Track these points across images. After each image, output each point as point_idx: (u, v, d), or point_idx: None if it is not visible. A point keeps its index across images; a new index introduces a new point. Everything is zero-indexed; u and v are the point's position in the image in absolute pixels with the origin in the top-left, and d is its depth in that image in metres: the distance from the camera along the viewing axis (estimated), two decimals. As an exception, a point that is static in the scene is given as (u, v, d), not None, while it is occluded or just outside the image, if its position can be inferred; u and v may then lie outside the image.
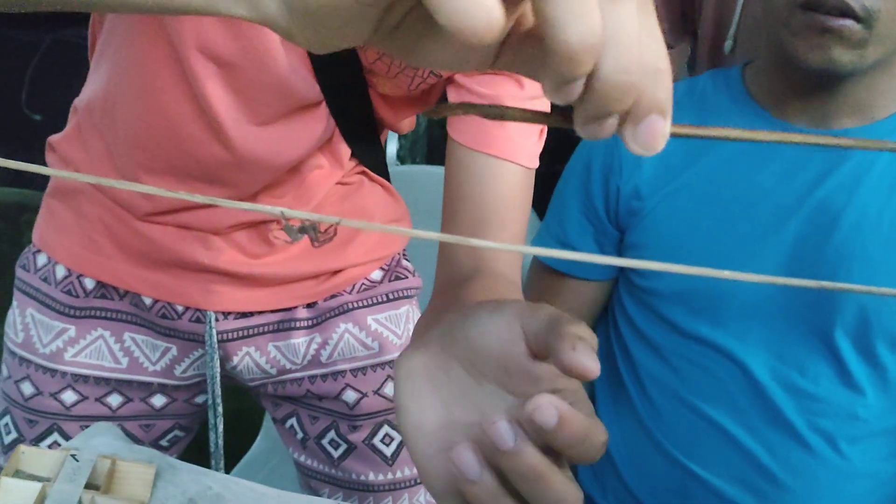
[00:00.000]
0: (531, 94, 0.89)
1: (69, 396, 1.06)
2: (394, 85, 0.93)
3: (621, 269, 1.23)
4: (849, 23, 0.97)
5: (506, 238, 0.87)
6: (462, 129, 0.89)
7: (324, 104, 0.94)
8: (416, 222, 1.08)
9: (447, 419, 0.55)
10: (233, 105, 0.91)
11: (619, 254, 1.21)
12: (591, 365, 0.49)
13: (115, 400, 1.07)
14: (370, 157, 1.06)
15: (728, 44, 1.33)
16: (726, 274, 0.38)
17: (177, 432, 1.13)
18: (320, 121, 0.95)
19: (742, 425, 1.12)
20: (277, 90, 0.90)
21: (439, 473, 0.54)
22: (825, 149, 1.09)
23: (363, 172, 1.08)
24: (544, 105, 0.89)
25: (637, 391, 1.19)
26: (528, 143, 0.89)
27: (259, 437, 1.63)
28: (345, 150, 1.02)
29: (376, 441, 1.13)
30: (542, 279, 1.26)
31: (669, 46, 1.40)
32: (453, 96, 0.91)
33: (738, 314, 1.12)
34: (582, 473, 1.27)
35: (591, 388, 1.31)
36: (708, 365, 1.14)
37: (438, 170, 0.95)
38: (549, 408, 0.48)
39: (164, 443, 1.12)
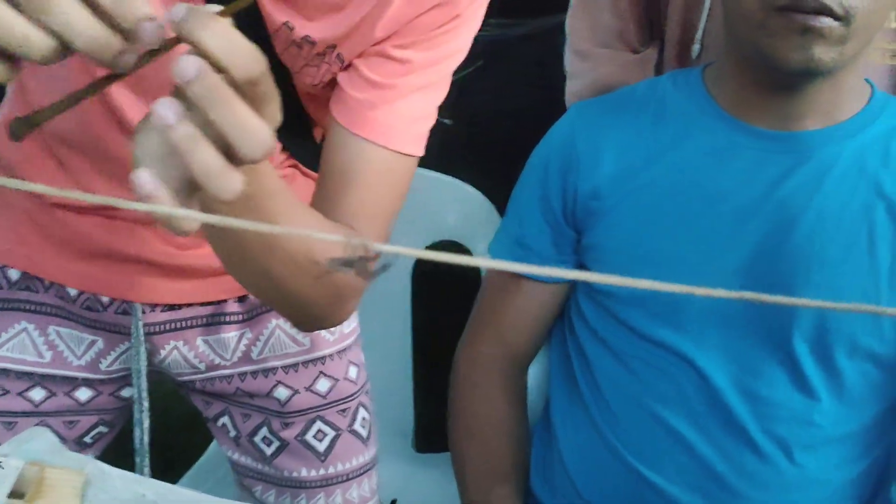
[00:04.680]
0: (421, 83, 0.86)
1: None
2: (299, 78, 0.91)
3: (579, 271, 1.19)
4: (829, 21, 0.96)
5: (363, 212, 0.85)
6: (339, 107, 0.87)
7: None
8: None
9: None
10: (144, 107, 0.88)
11: (578, 255, 1.18)
12: None
13: (37, 394, 1.04)
14: (302, 151, 1.04)
15: (695, 48, 1.30)
16: (679, 288, 0.36)
17: (101, 428, 1.10)
18: None
19: (697, 430, 1.09)
20: None
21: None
22: (786, 148, 1.07)
23: (295, 166, 1.05)
24: (428, 96, 0.88)
25: (592, 393, 1.16)
26: (406, 129, 0.87)
27: (214, 441, 1.60)
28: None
29: (308, 437, 1.11)
30: (499, 279, 1.24)
31: (635, 51, 1.37)
32: (344, 79, 0.88)
33: (695, 318, 1.09)
34: (533, 476, 1.24)
35: (546, 389, 1.28)
36: (665, 368, 1.10)
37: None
38: None
39: (87, 439, 1.10)
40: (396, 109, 0.86)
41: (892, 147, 1.08)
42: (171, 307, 1.04)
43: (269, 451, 1.11)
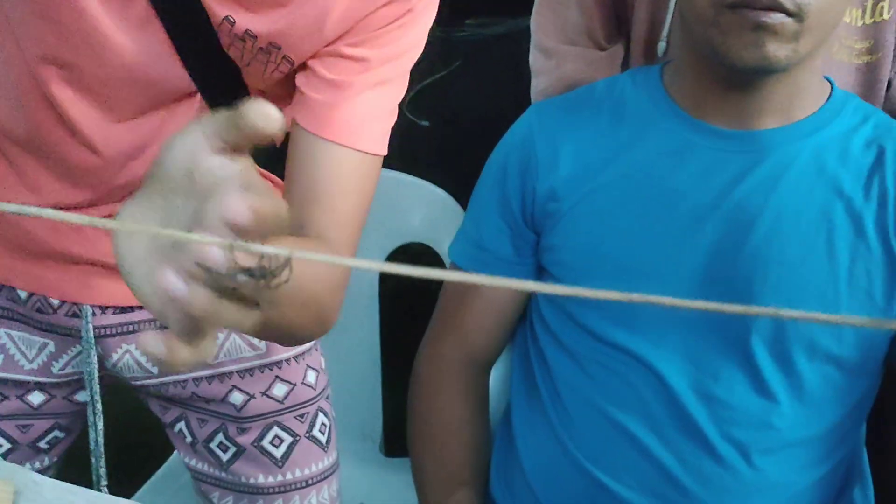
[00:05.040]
0: (378, 79, 0.86)
1: None
2: (248, 74, 0.90)
3: (539, 273, 1.18)
4: (781, 17, 0.95)
5: (334, 220, 0.84)
6: (301, 111, 0.86)
7: (198, 95, 0.91)
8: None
9: (154, 245, 0.53)
10: (87, 106, 0.88)
11: (537, 257, 1.17)
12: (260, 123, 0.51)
13: None
14: (256, 150, 1.02)
15: (661, 45, 1.28)
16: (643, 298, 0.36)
17: (57, 433, 1.09)
18: (192, 111, 0.92)
19: (655, 434, 1.07)
20: (133, 83, 0.87)
21: (155, 300, 0.52)
22: (743, 147, 1.06)
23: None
24: (387, 93, 0.87)
25: (551, 396, 1.15)
26: (369, 128, 0.86)
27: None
28: None
29: (265, 443, 1.09)
30: (459, 284, 1.22)
31: (602, 48, 1.36)
32: (302, 81, 0.87)
33: (652, 320, 1.08)
34: (493, 480, 1.22)
35: (507, 395, 1.26)
36: (623, 371, 1.09)
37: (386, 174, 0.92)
38: (238, 203, 0.46)
39: (43, 444, 1.08)
40: (356, 107, 0.85)
41: (851, 146, 1.06)
42: (123, 309, 1.02)
43: (225, 457, 1.10)
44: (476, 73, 2.00)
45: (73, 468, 1.13)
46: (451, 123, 1.92)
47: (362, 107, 0.85)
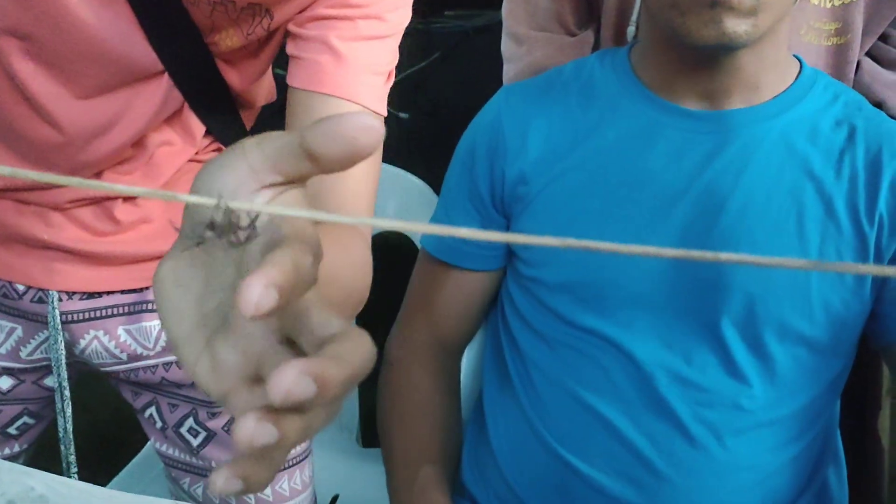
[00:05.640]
0: (363, 34, 0.84)
1: None
2: (237, 32, 0.89)
3: (509, 259, 1.18)
4: None
5: (346, 187, 0.81)
6: (296, 74, 0.84)
7: (166, 75, 0.90)
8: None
9: (200, 314, 0.47)
10: (49, 81, 0.87)
11: (507, 243, 1.17)
12: None
13: None
14: (227, 133, 1.02)
15: (630, 29, 1.29)
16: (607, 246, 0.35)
17: (26, 419, 1.09)
18: (159, 91, 0.91)
19: (626, 416, 1.07)
20: (96, 59, 0.86)
21: (208, 375, 0.46)
22: (711, 128, 1.06)
23: (220, 150, 1.03)
24: (376, 50, 0.85)
25: (523, 383, 1.15)
26: (364, 81, 0.84)
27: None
28: (197, 126, 0.98)
29: None
30: (429, 270, 1.22)
31: (572, 34, 1.36)
32: (292, 48, 0.86)
33: (623, 303, 1.07)
34: (465, 469, 1.22)
35: (479, 384, 1.26)
36: (594, 354, 1.09)
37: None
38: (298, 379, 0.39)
39: (12, 430, 1.08)
40: (348, 60, 0.83)
41: (820, 125, 1.06)
42: (90, 295, 1.02)
43: (195, 441, 1.10)
44: (455, 64, 2.00)
45: (45, 457, 1.12)
46: (431, 115, 1.92)
47: (353, 58, 0.83)
